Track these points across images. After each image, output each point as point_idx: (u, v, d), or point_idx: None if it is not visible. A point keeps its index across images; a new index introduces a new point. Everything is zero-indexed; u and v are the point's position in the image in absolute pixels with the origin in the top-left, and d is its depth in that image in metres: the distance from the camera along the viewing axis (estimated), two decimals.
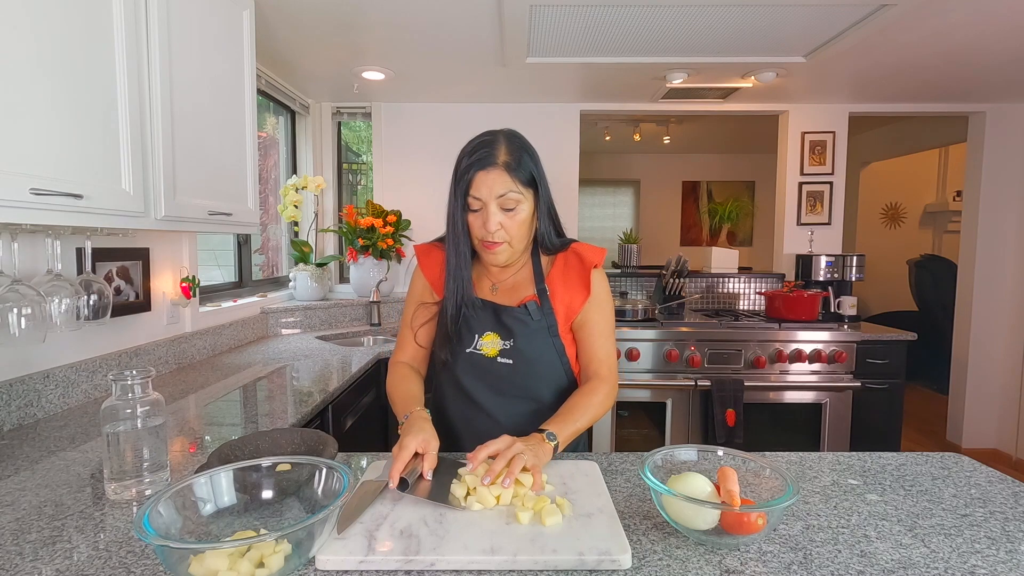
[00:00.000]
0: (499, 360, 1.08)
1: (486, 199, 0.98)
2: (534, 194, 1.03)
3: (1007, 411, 3.32)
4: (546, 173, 1.06)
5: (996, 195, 3.30)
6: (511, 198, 0.98)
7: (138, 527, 0.59)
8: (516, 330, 1.07)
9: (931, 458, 1.05)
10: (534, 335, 1.08)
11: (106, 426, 0.86)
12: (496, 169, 0.97)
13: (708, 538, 0.72)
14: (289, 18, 2.03)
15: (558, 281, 1.10)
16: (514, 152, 0.99)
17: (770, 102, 3.19)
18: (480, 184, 0.98)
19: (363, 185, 3.61)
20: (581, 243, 1.12)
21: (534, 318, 1.07)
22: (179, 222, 1.39)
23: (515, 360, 1.07)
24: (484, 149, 0.99)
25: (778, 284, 3.30)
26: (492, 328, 1.09)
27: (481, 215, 1.00)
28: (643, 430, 2.61)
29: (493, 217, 0.98)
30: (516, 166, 0.99)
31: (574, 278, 1.09)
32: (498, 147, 0.99)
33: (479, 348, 1.09)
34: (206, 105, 1.50)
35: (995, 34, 2.15)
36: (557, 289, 1.09)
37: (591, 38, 2.22)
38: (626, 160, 5.96)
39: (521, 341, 1.07)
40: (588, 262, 1.09)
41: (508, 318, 1.08)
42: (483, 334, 1.09)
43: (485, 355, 1.09)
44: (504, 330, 1.08)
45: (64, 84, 1.02)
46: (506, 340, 1.08)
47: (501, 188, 0.98)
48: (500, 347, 1.08)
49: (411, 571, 0.66)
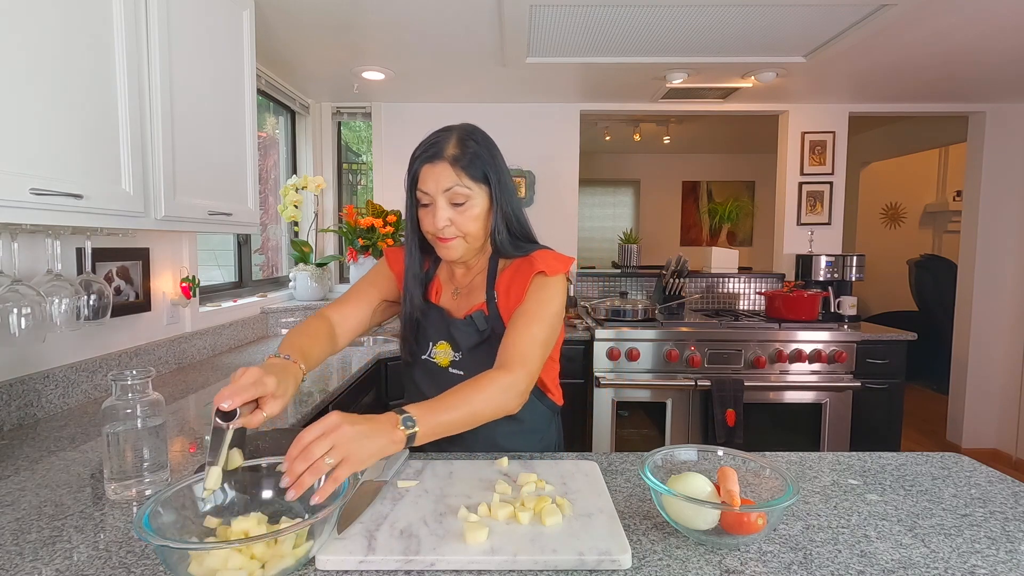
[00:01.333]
0: (451, 370, 1.07)
1: (433, 193, 0.97)
2: (489, 191, 1.00)
3: (1007, 411, 3.32)
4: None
5: (996, 195, 3.30)
6: (459, 192, 0.97)
7: (138, 527, 0.59)
8: (463, 343, 1.06)
9: (931, 458, 1.04)
10: (482, 346, 1.05)
11: (106, 426, 0.86)
12: (442, 163, 0.97)
13: (708, 538, 0.72)
14: (289, 18, 2.03)
15: (503, 286, 1.05)
16: (464, 146, 0.98)
17: (770, 102, 3.19)
18: (426, 177, 0.98)
19: (363, 185, 3.61)
20: (545, 251, 1.04)
21: (479, 328, 1.05)
22: (179, 222, 1.39)
23: (466, 372, 1.05)
24: (434, 145, 0.98)
25: (778, 284, 3.30)
26: (444, 338, 1.08)
27: (431, 210, 0.99)
28: (643, 430, 2.61)
29: (441, 211, 0.97)
30: (465, 161, 0.97)
31: (519, 284, 1.02)
32: (448, 142, 0.98)
33: (433, 357, 1.09)
34: (206, 105, 1.50)
35: (995, 34, 2.15)
36: (502, 295, 1.05)
37: (591, 38, 2.22)
38: (626, 160, 5.96)
39: (469, 353, 1.05)
40: (535, 268, 1.00)
41: (455, 330, 1.06)
42: (436, 343, 1.08)
43: (438, 364, 1.08)
44: (453, 341, 1.07)
45: (64, 84, 1.02)
46: (456, 352, 1.07)
47: (447, 182, 0.96)
48: (451, 358, 1.07)
49: (411, 571, 0.66)
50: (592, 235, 6.01)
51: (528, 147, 3.24)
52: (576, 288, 3.34)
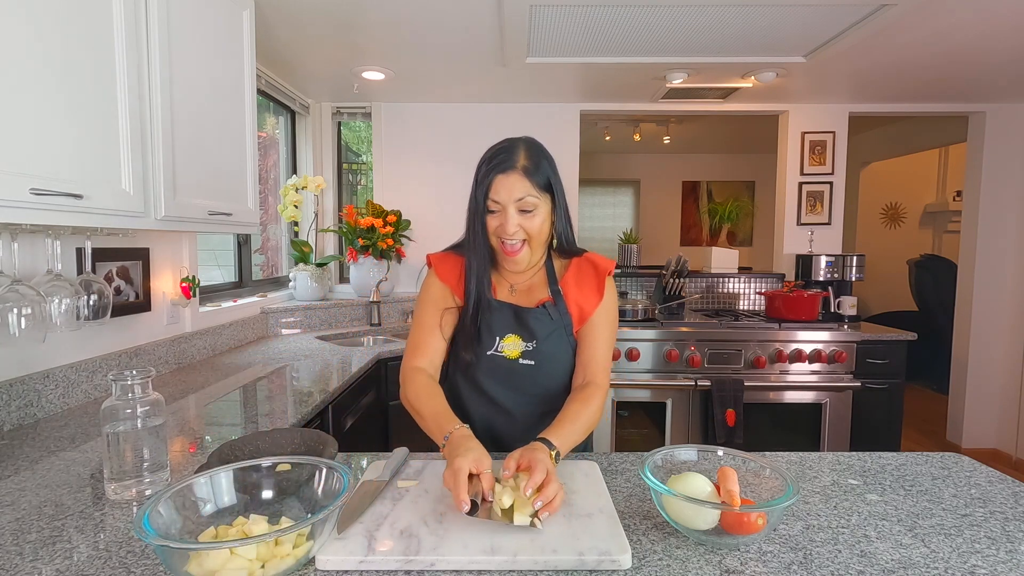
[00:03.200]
0: (521, 361, 1.09)
1: (505, 202, 1.01)
2: (551, 198, 1.06)
3: (1007, 411, 3.32)
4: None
5: (996, 195, 3.29)
6: (529, 201, 1.01)
7: (138, 527, 0.59)
8: (538, 331, 1.09)
9: (931, 458, 1.05)
10: (553, 335, 1.09)
11: (106, 426, 0.86)
12: (515, 173, 1.01)
13: (708, 538, 0.72)
14: (289, 18, 2.03)
15: (572, 283, 1.12)
16: (532, 157, 1.03)
17: (770, 102, 3.19)
18: (499, 187, 1.01)
19: (363, 185, 3.61)
20: (595, 253, 1.16)
21: (552, 318, 1.09)
22: (179, 222, 1.39)
23: (537, 360, 1.09)
24: (503, 154, 1.02)
25: (778, 284, 3.30)
26: (513, 330, 1.10)
27: (499, 217, 1.03)
28: (643, 430, 2.61)
29: (511, 219, 1.02)
30: (534, 171, 1.02)
31: (588, 282, 1.12)
32: (517, 152, 1.03)
33: (500, 350, 1.10)
34: (206, 105, 1.50)
35: (995, 34, 2.15)
36: (571, 291, 1.11)
37: (591, 38, 2.22)
38: (626, 160, 5.95)
39: (543, 342, 1.09)
40: (602, 269, 1.12)
41: (530, 319, 1.10)
42: (504, 336, 1.10)
43: (507, 357, 1.10)
44: (526, 331, 1.10)
45: (64, 84, 1.02)
46: (528, 341, 1.09)
47: (519, 192, 1.01)
48: (522, 348, 1.10)
49: (411, 571, 0.66)
50: (592, 235, 6.01)
51: None
52: None
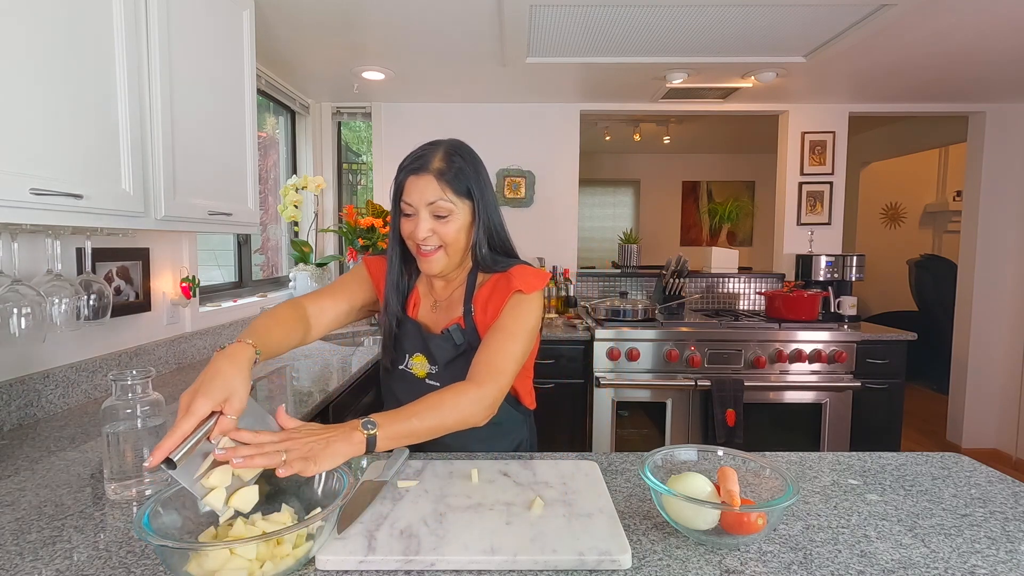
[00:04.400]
0: (427, 381, 1.09)
1: (417, 204, 0.99)
2: (472, 206, 1.02)
3: (1007, 411, 3.32)
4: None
5: (996, 195, 3.29)
6: (442, 206, 0.98)
7: (138, 527, 0.59)
8: (439, 357, 1.07)
9: (931, 458, 1.05)
10: (458, 359, 1.06)
11: (106, 426, 0.86)
12: (427, 175, 0.98)
13: (708, 538, 0.72)
14: (289, 18, 2.03)
15: (481, 301, 1.07)
16: (450, 161, 1.00)
17: (770, 102, 3.19)
18: (411, 189, 1.00)
19: (363, 185, 3.61)
20: (523, 267, 1.05)
21: (456, 342, 1.06)
22: (179, 222, 1.39)
23: (441, 383, 1.06)
24: (420, 157, 1.00)
25: (778, 284, 3.30)
26: (420, 350, 1.10)
27: (413, 220, 1.01)
28: (643, 430, 2.61)
29: (423, 223, 0.99)
30: (450, 175, 0.99)
31: (496, 300, 1.04)
32: (434, 155, 1.00)
33: (410, 368, 1.10)
34: (206, 105, 1.50)
35: (995, 34, 2.15)
36: (479, 310, 1.07)
37: (591, 38, 2.22)
38: (626, 160, 5.95)
39: (445, 367, 1.07)
40: (513, 286, 1.02)
41: (432, 344, 1.08)
42: (413, 355, 1.10)
43: (415, 375, 1.10)
44: (429, 355, 1.09)
45: (64, 84, 1.02)
46: (432, 365, 1.09)
47: (431, 195, 0.98)
48: (428, 370, 1.09)
49: (411, 571, 0.66)
50: (592, 235, 6.01)
51: (528, 147, 3.24)
52: (576, 288, 3.34)
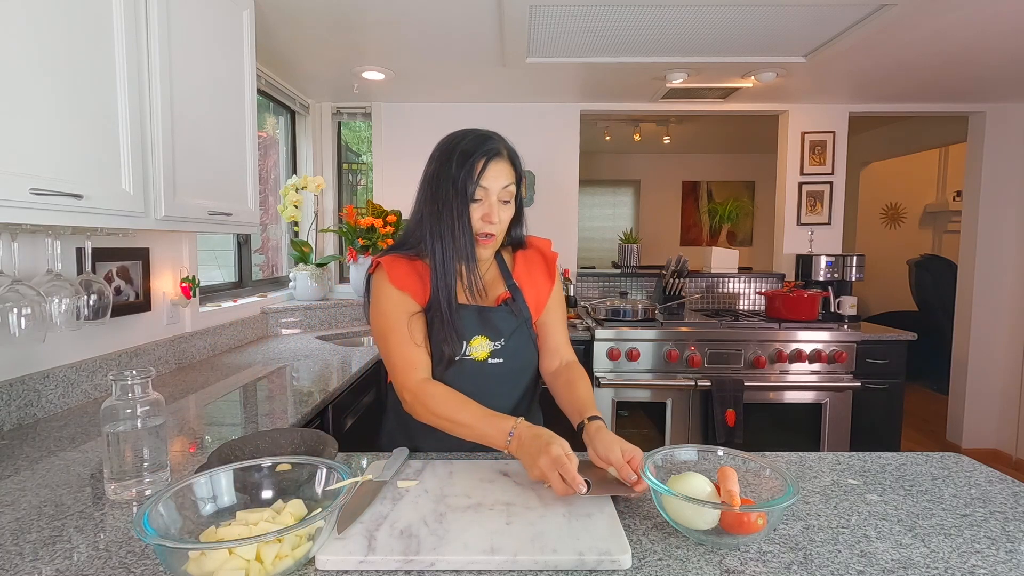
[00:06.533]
0: (490, 362, 1.06)
1: (493, 189, 0.98)
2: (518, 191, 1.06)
3: (1007, 411, 3.32)
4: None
5: (996, 195, 3.29)
6: (511, 190, 1.01)
7: (138, 527, 0.59)
8: (503, 328, 1.06)
9: (931, 458, 1.04)
10: (517, 331, 1.08)
11: (106, 426, 0.86)
12: (504, 161, 1.00)
13: (708, 538, 0.72)
14: (289, 18, 2.03)
15: (524, 275, 1.12)
16: (511, 148, 1.03)
17: (770, 102, 3.19)
18: (490, 173, 0.97)
19: (363, 185, 3.61)
20: (534, 237, 1.17)
21: (515, 314, 1.08)
22: (179, 222, 1.39)
23: (505, 359, 1.07)
24: (490, 141, 0.99)
25: (778, 284, 3.30)
26: (479, 331, 1.05)
27: (481, 206, 0.98)
28: (643, 430, 2.61)
29: (496, 208, 0.99)
30: (518, 161, 1.03)
31: (538, 270, 1.13)
32: (501, 142, 1.02)
33: (468, 354, 1.04)
34: (206, 105, 1.50)
35: (995, 34, 2.15)
36: (525, 283, 1.11)
37: (591, 38, 2.22)
38: (626, 160, 5.95)
39: (509, 339, 1.07)
40: (548, 254, 1.14)
41: (494, 317, 1.06)
42: (471, 339, 1.04)
43: (476, 359, 1.05)
44: (492, 330, 1.06)
45: (64, 84, 1.02)
46: (495, 340, 1.06)
47: (506, 179, 1.00)
48: (490, 348, 1.06)
49: (411, 571, 0.66)
50: (592, 235, 6.01)
51: (528, 147, 3.21)
52: (576, 288, 3.34)
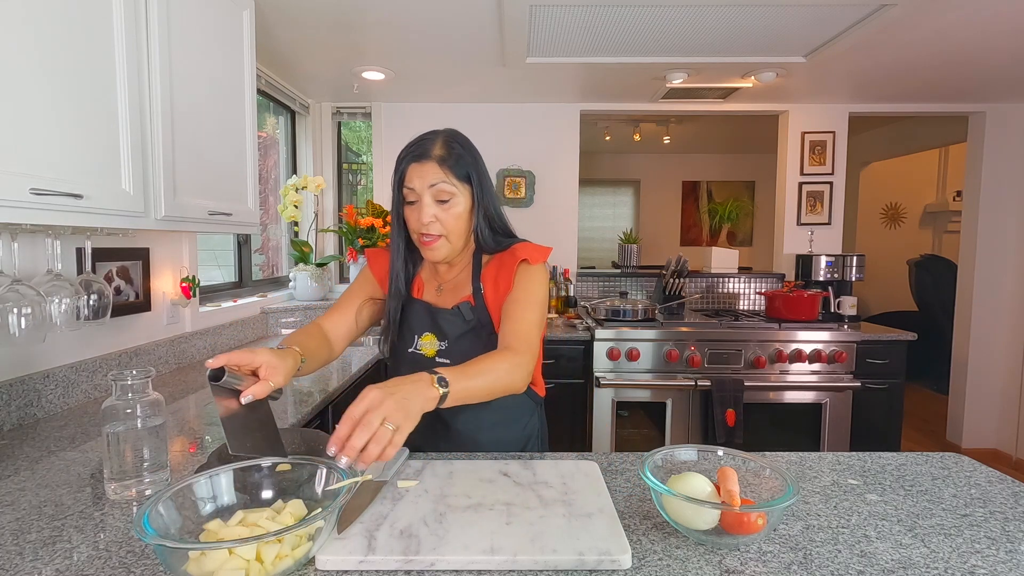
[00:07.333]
0: (437, 360, 1.10)
1: (420, 190, 1.02)
2: (471, 191, 1.06)
3: (1007, 411, 3.32)
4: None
5: (996, 195, 3.29)
6: (443, 189, 1.02)
7: (138, 527, 0.59)
8: (449, 331, 1.10)
9: (931, 458, 1.04)
10: (468, 335, 1.09)
11: (106, 426, 0.85)
12: (429, 162, 1.02)
13: (708, 538, 0.72)
14: (289, 18, 2.03)
15: (490, 279, 1.11)
16: (449, 147, 1.03)
17: (770, 102, 3.19)
18: (413, 175, 1.02)
19: (363, 185, 3.61)
20: (525, 243, 1.11)
21: (466, 318, 1.09)
22: (179, 222, 1.39)
23: (451, 360, 1.08)
24: (420, 144, 1.04)
25: (778, 284, 3.30)
26: (429, 329, 1.12)
27: (416, 207, 1.03)
28: (643, 430, 2.60)
29: (426, 208, 1.02)
30: (451, 160, 1.02)
31: (505, 275, 1.09)
32: (434, 142, 1.03)
33: (419, 348, 1.12)
34: (206, 105, 1.50)
35: (995, 34, 2.15)
36: (488, 287, 1.11)
37: (591, 38, 2.22)
38: (626, 160, 5.95)
39: (455, 342, 1.10)
40: (518, 257, 1.07)
41: (442, 319, 1.11)
42: (422, 335, 1.12)
43: (424, 355, 1.11)
44: (439, 331, 1.11)
45: (64, 84, 1.02)
46: (441, 341, 1.11)
47: (432, 178, 1.01)
48: (437, 348, 1.11)
49: (411, 571, 0.66)
50: (592, 235, 6.01)
51: (528, 147, 3.24)
52: (576, 288, 3.33)
